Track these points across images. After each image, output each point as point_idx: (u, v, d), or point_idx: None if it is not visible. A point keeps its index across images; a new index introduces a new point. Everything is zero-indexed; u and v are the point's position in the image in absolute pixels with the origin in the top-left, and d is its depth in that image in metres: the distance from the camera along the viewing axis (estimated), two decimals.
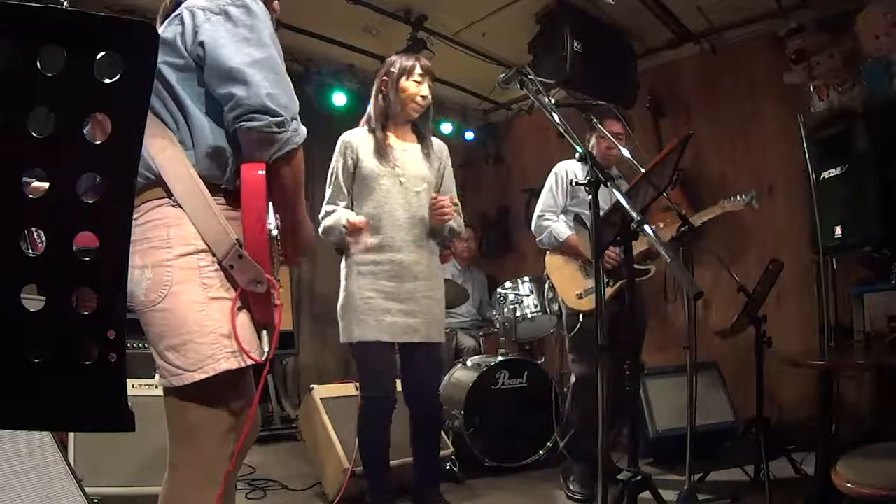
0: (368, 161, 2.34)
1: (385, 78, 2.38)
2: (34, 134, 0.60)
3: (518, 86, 1.96)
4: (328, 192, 2.41)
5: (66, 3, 1.98)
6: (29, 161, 0.62)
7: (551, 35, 3.69)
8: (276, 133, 1.21)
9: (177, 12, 1.29)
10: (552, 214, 2.98)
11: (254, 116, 1.19)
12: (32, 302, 0.63)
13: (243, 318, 1.25)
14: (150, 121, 1.22)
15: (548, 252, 3.04)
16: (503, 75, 2.00)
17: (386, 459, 2.37)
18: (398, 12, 3.80)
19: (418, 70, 2.35)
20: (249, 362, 1.24)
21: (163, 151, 1.22)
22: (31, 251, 0.63)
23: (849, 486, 1.36)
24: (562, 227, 2.93)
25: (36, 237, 0.64)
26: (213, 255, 1.21)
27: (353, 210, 2.37)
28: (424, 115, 2.43)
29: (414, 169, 2.38)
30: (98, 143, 0.63)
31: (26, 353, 0.64)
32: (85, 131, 0.62)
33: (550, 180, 3.04)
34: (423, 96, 2.36)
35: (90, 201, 0.63)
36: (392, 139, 2.39)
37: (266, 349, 1.27)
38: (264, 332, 1.29)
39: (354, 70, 4.39)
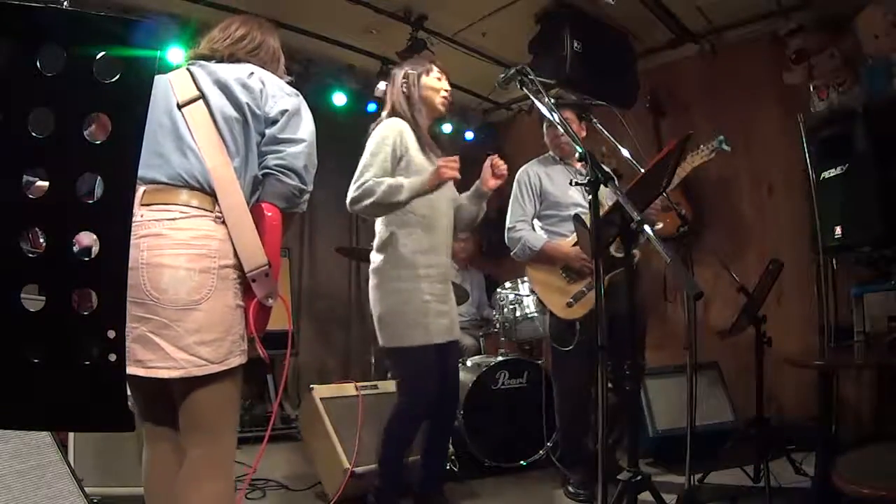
0: (417, 156, 2.28)
1: (404, 80, 2.36)
2: (34, 134, 0.60)
3: (518, 86, 1.96)
4: (370, 167, 2.21)
5: (66, 3, 1.99)
6: (29, 161, 0.62)
7: (551, 35, 3.69)
8: (296, 196, 1.53)
9: (248, 69, 1.56)
10: (523, 224, 2.90)
11: (290, 174, 1.50)
12: (32, 302, 0.63)
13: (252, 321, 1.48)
14: (213, 139, 1.45)
15: (528, 265, 2.93)
16: (503, 75, 1.99)
17: (404, 462, 2.40)
18: (398, 12, 3.80)
19: (436, 68, 2.39)
20: (246, 359, 1.46)
21: (220, 169, 1.43)
22: (31, 251, 0.63)
23: (849, 486, 1.36)
24: (534, 237, 2.86)
25: (36, 237, 0.64)
26: (240, 268, 1.42)
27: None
28: (440, 120, 2.48)
29: None
30: (98, 143, 0.63)
31: (26, 353, 0.64)
32: (85, 131, 0.62)
33: (515, 189, 2.96)
34: (446, 90, 2.39)
35: (90, 201, 0.63)
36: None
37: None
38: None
39: (354, 70, 4.39)
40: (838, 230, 3.01)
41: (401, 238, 2.27)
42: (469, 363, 3.51)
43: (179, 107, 1.47)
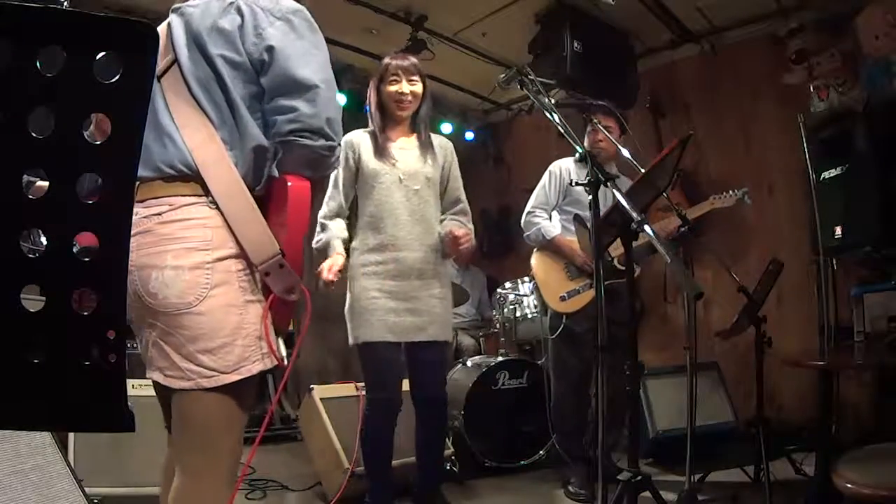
0: (369, 160, 2.34)
1: (370, 89, 2.42)
2: (34, 134, 0.60)
3: (518, 86, 1.96)
4: (332, 186, 2.38)
5: (66, 3, 1.99)
6: (29, 161, 0.62)
7: (551, 35, 3.69)
8: (326, 157, 1.24)
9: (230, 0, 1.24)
10: (543, 211, 3.00)
11: (312, 136, 1.20)
12: (32, 302, 0.63)
13: (268, 321, 1.25)
14: (191, 111, 1.20)
15: (534, 250, 3.05)
16: (503, 75, 2.00)
17: (388, 461, 2.37)
18: (398, 12, 3.80)
19: (391, 70, 2.32)
20: (273, 364, 1.23)
21: (203, 146, 1.18)
22: (31, 251, 0.63)
23: (849, 486, 1.36)
24: (550, 226, 2.95)
25: (36, 237, 0.64)
26: (247, 259, 1.19)
27: (354, 210, 2.39)
28: (418, 111, 2.39)
29: (413, 166, 2.36)
30: (98, 143, 0.63)
31: (26, 354, 0.64)
32: (85, 131, 0.62)
33: (544, 178, 3.06)
34: (400, 93, 2.31)
35: (90, 201, 0.63)
36: (391, 137, 2.39)
37: (284, 352, 1.29)
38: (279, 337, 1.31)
39: (354, 70, 4.38)
40: (838, 230, 3.01)
41: (355, 239, 2.37)
42: (469, 363, 3.51)
43: (158, 78, 1.21)
